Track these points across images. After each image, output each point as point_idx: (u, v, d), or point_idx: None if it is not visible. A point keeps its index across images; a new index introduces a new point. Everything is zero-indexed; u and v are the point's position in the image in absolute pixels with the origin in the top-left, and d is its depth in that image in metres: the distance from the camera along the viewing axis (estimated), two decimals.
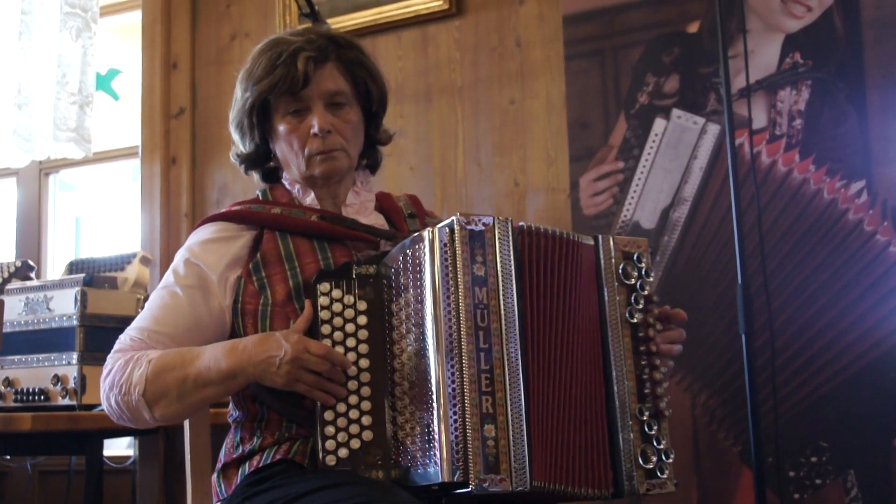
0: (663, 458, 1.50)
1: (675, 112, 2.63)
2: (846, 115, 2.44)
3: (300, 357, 1.41)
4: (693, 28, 2.64)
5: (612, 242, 1.55)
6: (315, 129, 1.64)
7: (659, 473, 1.48)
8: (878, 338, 2.34)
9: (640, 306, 1.54)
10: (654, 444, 1.49)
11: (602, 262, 1.53)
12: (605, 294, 1.53)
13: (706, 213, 2.56)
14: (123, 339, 1.58)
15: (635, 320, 1.53)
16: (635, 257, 1.55)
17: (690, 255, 2.56)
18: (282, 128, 1.66)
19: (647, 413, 1.50)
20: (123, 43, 4.05)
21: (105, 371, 1.55)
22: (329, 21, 2.39)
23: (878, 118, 2.41)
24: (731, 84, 2.24)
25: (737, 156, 2.22)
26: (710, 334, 2.46)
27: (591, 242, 1.54)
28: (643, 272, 1.55)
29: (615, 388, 1.50)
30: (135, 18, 3.60)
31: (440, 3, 2.98)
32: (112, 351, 1.58)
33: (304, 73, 1.62)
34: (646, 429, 1.50)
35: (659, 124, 2.64)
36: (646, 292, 1.54)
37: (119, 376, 1.52)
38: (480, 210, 2.87)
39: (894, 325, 2.33)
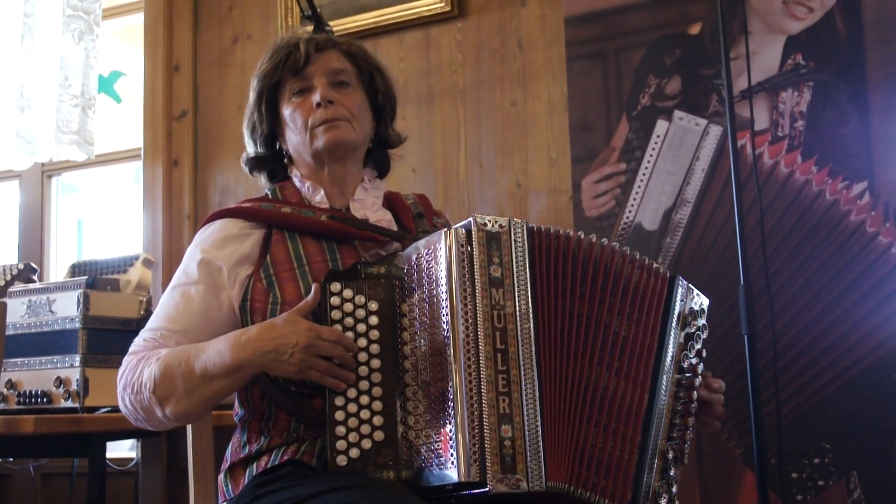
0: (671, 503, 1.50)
1: (677, 113, 2.62)
2: (848, 117, 2.44)
3: (313, 344, 1.41)
4: (695, 30, 2.64)
5: (690, 290, 1.59)
6: (317, 99, 1.65)
7: None
8: (881, 339, 2.34)
9: (692, 355, 1.56)
10: (668, 486, 1.50)
11: (677, 301, 1.56)
12: (672, 329, 1.55)
13: (708, 215, 2.56)
14: (137, 342, 1.59)
15: (684, 365, 1.55)
16: (698, 311, 1.59)
17: (693, 256, 2.56)
18: (287, 111, 1.68)
19: (670, 453, 1.51)
20: (126, 45, 4.05)
21: (119, 373, 1.56)
22: (331, 23, 2.39)
23: (880, 119, 2.41)
24: (733, 85, 2.23)
25: (739, 157, 2.22)
26: (713, 335, 2.46)
27: (662, 270, 1.56)
28: (701, 327, 1.59)
29: (654, 418, 1.50)
30: (137, 21, 3.60)
31: (442, 4, 2.98)
32: (127, 353, 1.58)
33: (305, 52, 1.66)
34: (666, 468, 1.50)
35: (661, 126, 2.64)
36: (698, 345, 1.57)
37: (131, 376, 1.53)
38: (482, 212, 2.87)
39: None
